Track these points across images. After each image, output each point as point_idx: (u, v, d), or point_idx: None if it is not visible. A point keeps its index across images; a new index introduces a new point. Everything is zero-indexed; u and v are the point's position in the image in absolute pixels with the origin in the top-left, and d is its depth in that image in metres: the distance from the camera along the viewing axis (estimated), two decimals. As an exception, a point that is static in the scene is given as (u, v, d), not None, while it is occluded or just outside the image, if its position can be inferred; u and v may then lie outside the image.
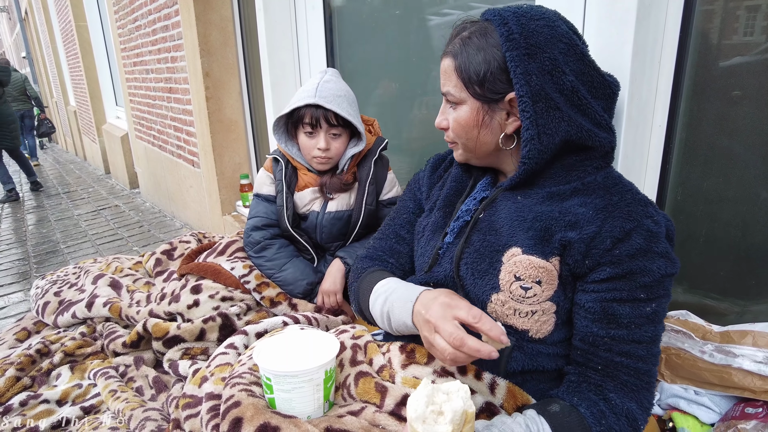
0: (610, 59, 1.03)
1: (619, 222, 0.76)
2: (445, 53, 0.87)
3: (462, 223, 0.93)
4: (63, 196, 5.19)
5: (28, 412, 1.20)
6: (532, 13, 0.79)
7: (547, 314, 0.81)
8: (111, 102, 5.95)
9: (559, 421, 0.73)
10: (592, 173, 0.83)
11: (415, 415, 0.59)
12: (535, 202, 0.84)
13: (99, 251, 3.33)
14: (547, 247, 0.80)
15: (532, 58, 0.76)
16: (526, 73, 0.76)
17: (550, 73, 0.77)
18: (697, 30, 1.03)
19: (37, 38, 9.62)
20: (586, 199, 0.81)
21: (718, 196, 1.08)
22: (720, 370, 0.97)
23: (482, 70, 0.80)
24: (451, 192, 0.99)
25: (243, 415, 0.77)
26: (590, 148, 0.82)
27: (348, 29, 2.06)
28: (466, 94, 0.83)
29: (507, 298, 0.82)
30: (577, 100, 0.78)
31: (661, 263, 0.75)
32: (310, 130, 1.43)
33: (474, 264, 0.86)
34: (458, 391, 0.61)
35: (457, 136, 0.89)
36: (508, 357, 0.83)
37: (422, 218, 1.05)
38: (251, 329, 1.18)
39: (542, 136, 0.78)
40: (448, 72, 0.85)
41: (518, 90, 0.77)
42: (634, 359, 0.77)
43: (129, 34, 3.80)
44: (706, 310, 1.12)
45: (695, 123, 1.07)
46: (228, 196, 2.93)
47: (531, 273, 0.80)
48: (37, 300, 1.70)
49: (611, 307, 0.76)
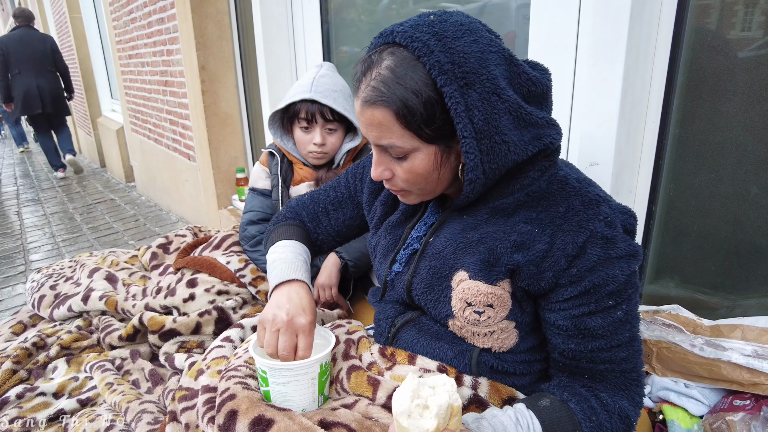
0: (604, 55, 1.04)
1: (571, 236, 0.72)
2: (367, 101, 0.71)
3: (411, 251, 0.91)
4: (58, 189, 5.17)
5: (25, 405, 1.21)
6: (453, 31, 0.68)
7: (506, 331, 0.81)
8: (106, 95, 5.91)
9: (549, 416, 0.73)
10: (537, 179, 0.77)
11: (400, 410, 0.59)
12: (480, 220, 0.81)
13: (94, 245, 3.32)
14: (493, 272, 0.77)
15: (471, 87, 0.67)
16: (467, 109, 0.67)
17: (494, 93, 0.68)
18: (691, 26, 1.03)
19: (31, 30, 9.52)
20: (531, 213, 0.76)
21: (710, 191, 1.09)
22: (709, 364, 0.98)
23: (427, 112, 0.68)
24: (402, 216, 0.95)
25: (238, 408, 0.78)
26: (531, 158, 0.75)
27: (344, 22, 2.06)
28: (419, 142, 0.72)
29: (463, 323, 0.82)
30: (519, 116, 0.70)
31: (623, 265, 0.72)
32: (305, 125, 1.43)
33: (424, 294, 0.86)
34: (444, 385, 0.61)
35: (410, 186, 0.79)
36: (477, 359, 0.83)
37: (371, 236, 1.04)
38: (247, 322, 1.19)
39: (488, 172, 0.72)
40: (386, 123, 0.71)
41: (460, 131, 0.68)
42: (618, 362, 0.76)
43: (124, 27, 3.77)
44: (698, 304, 1.13)
45: (688, 119, 1.08)
46: (224, 190, 2.93)
47: (480, 299, 0.78)
48: (32, 293, 1.70)
49: (583, 322, 0.74)
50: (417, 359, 0.87)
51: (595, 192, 0.76)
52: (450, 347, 0.86)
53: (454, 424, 0.60)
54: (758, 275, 1.05)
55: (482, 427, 0.70)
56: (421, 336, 0.89)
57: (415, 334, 0.90)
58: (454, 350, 0.85)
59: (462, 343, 0.85)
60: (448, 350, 0.86)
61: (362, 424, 0.76)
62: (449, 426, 0.60)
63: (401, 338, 0.93)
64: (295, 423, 0.75)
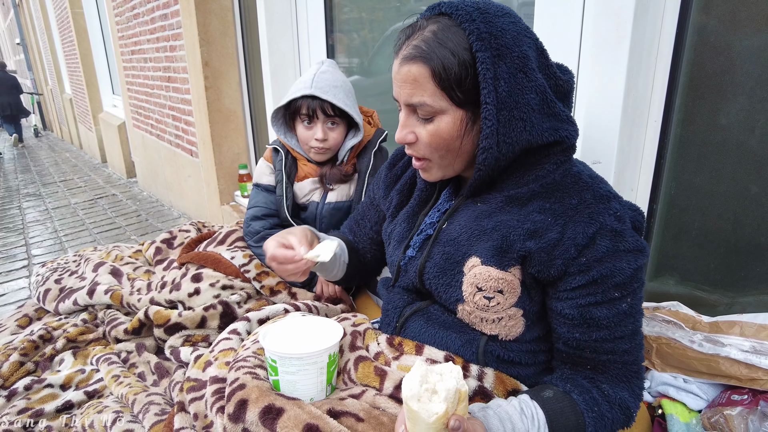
0: (607, 54, 1.05)
1: (581, 227, 0.74)
2: (407, 57, 0.75)
3: (424, 236, 0.93)
4: (59, 184, 5.17)
5: (33, 396, 1.22)
6: (495, 10, 0.73)
7: (514, 319, 0.83)
8: (108, 90, 5.91)
9: (552, 406, 0.75)
10: (552, 172, 0.80)
11: (410, 394, 0.61)
12: (494, 208, 0.83)
13: (97, 240, 3.34)
14: (506, 258, 0.79)
15: (502, 59, 0.71)
16: (495, 78, 0.71)
17: (522, 71, 0.72)
18: (694, 26, 1.04)
19: (32, 24, 9.50)
20: (545, 203, 0.79)
21: (710, 190, 1.10)
22: (708, 359, 1.00)
23: (462, 74, 0.72)
24: (415, 204, 0.98)
25: (248, 397, 0.80)
26: (551, 144, 0.78)
27: (348, 19, 2.07)
28: (447, 103, 0.75)
29: (472, 308, 0.84)
30: (544, 100, 0.74)
31: (630, 259, 0.74)
32: (307, 121, 1.45)
33: (436, 278, 0.88)
34: (451, 372, 0.63)
35: (432, 152, 0.81)
36: (484, 347, 0.85)
37: (386, 225, 1.07)
38: (253, 316, 1.20)
39: (501, 145, 0.74)
40: (420, 80, 0.74)
41: (484, 96, 0.71)
42: (620, 354, 0.78)
43: (127, 23, 3.77)
44: (697, 301, 1.15)
45: (689, 119, 1.10)
46: (227, 186, 2.94)
47: (491, 284, 0.80)
48: (38, 287, 1.71)
49: (589, 312, 0.76)
50: (424, 349, 0.88)
51: (606, 189, 0.80)
52: (458, 336, 0.88)
53: (461, 410, 0.62)
54: (757, 273, 1.07)
55: (488, 416, 0.72)
56: (429, 325, 0.91)
57: (423, 324, 0.92)
58: (462, 339, 0.87)
59: (469, 332, 0.87)
60: (456, 339, 0.87)
61: (370, 414, 0.78)
62: (457, 411, 0.62)
63: (409, 327, 0.95)
64: (305, 412, 0.76)
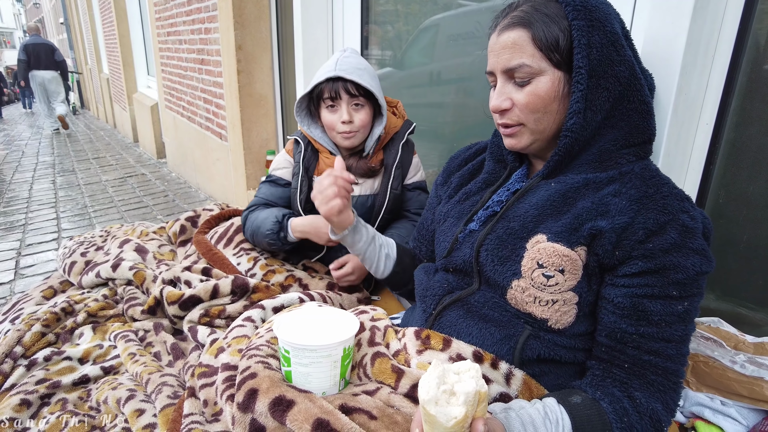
0: (660, 50, 0.98)
1: (654, 214, 0.74)
2: (506, 26, 0.81)
3: (490, 212, 0.91)
4: (92, 161, 5.30)
5: (52, 368, 1.23)
6: None
7: (568, 305, 0.79)
8: (143, 71, 6.02)
9: (579, 413, 0.71)
10: (631, 162, 0.82)
11: (428, 397, 0.57)
12: (570, 188, 0.83)
13: (124, 217, 3.40)
14: (574, 236, 0.78)
15: (596, 30, 0.76)
16: (588, 45, 0.75)
17: (613, 45, 0.77)
18: (757, 25, 0.97)
19: (75, 4, 9.76)
20: (621, 188, 0.79)
21: (764, 201, 1.03)
22: (751, 382, 0.93)
23: (559, 38, 0.78)
24: (482, 182, 0.98)
25: (259, 387, 0.77)
26: (631, 135, 0.81)
27: (384, 10, 2.02)
28: (546, 63, 0.79)
29: (528, 284, 0.80)
30: (634, 75, 0.79)
31: (696, 260, 0.73)
32: (331, 104, 1.39)
33: (495, 250, 0.85)
34: (469, 371, 0.59)
35: (527, 116, 0.83)
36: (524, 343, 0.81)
37: (442, 205, 1.05)
38: (268, 303, 1.18)
39: (587, 111, 0.78)
40: (521, 43, 0.79)
41: (577, 61, 0.76)
42: (663, 358, 0.74)
43: (164, 4, 3.81)
44: (740, 319, 1.07)
45: (746, 123, 1.02)
46: (254, 171, 2.94)
47: (554, 261, 0.78)
48: (64, 259, 1.74)
49: (642, 303, 0.74)
50: (452, 344, 0.84)
51: (681, 191, 0.79)
52: (498, 330, 0.83)
53: (480, 411, 0.59)
54: (810, 293, 0.99)
55: (510, 418, 0.68)
56: (468, 317, 0.87)
57: (462, 314, 0.88)
58: (501, 333, 0.83)
59: (511, 326, 0.83)
60: (495, 332, 0.83)
61: (383, 412, 0.75)
62: (476, 413, 0.58)
63: (445, 317, 0.91)
64: (316, 406, 0.73)
